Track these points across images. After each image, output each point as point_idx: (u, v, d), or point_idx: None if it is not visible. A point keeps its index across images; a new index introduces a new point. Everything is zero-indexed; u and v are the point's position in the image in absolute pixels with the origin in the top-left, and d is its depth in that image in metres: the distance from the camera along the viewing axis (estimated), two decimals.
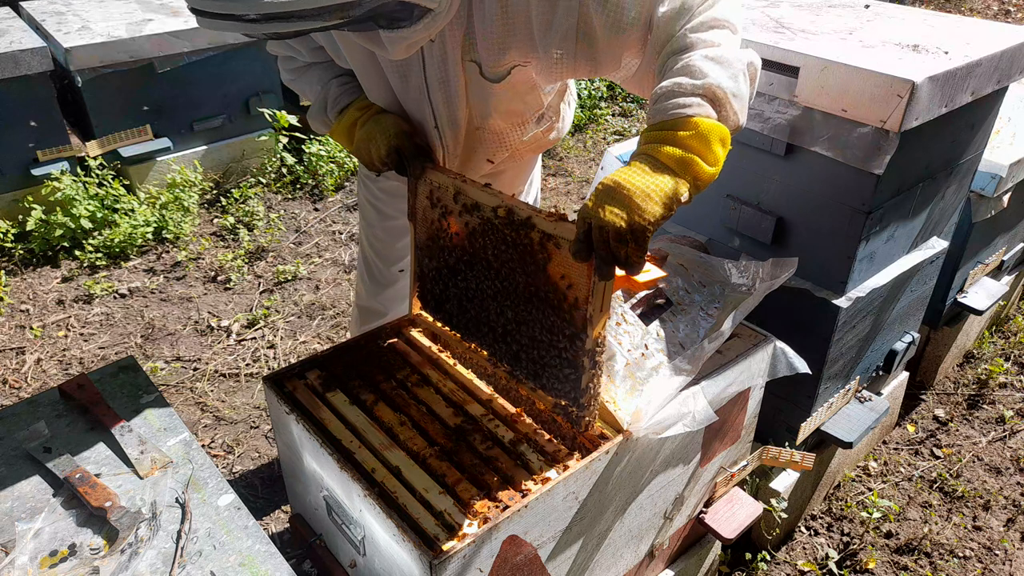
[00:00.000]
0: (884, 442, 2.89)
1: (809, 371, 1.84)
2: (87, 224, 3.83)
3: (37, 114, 3.80)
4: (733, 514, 1.95)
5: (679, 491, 1.82)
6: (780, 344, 1.82)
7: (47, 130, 3.87)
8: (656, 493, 1.74)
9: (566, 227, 1.40)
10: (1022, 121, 2.81)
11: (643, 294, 1.71)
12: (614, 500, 1.61)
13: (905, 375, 2.76)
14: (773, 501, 2.25)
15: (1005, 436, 2.91)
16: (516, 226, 1.49)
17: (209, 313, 3.54)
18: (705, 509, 1.96)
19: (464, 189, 1.60)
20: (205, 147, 4.41)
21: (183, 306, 3.59)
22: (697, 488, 1.88)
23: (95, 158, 4.02)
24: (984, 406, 3.06)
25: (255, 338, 3.38)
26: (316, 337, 3.38)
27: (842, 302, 2.02)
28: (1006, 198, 2.70)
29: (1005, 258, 3.13)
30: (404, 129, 1.69)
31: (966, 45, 1.92)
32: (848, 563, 2.42)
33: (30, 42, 3.70)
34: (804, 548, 2.49)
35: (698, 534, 2.07)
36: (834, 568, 2.37)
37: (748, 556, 2.38)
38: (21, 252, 3.86)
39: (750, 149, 2.04)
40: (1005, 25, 2.16)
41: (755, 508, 1.97)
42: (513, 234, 1.50)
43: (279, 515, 2.55)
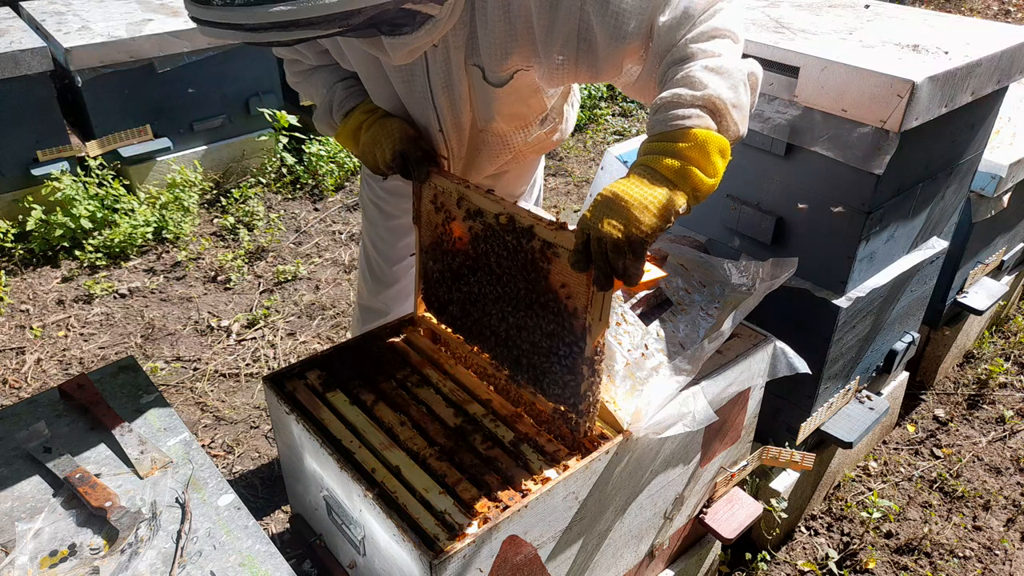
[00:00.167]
0: (884, 442, 2.89)
1: (809, 371, 1.84)
2: (87, 224, 3.83)
3: (37, 114, 3.80)
4: (733, 514, 1.95)
5: (679, 491, 1.82)
6: (780, 344, 1.82)
7: (47, 130, 3.87)
8: (656, 493, 1.74)
9: (566, 236, 1.40)
10: (1022, 121, 2.80)
11: (643, 294, 1.71)
12: (614, 500, 1.61)
13: (905, 375, 2.76)
14: (773, 501, 2.25)
15: (1005, 436, 2.91)
16: (517, 234, 1.49)
17: (209, 313, 3.54)
18: (705, 509, 1.96)
19: (467, 195, 1.60)
20: (205, 147, 4.41)
21: (183, 306, 3.59)
22: (697, 488, 1.88)
23: (95, 158, 4.02)
24: (984, 406, 3.06)
25: (255, 338, 3.38)
26: (316, 337, 3.38)
27: (842, 302, 2.02)
28: (1006, 198, 2.70)
29: (1005, 258, 3.13)
30: (409, 134, 1.69)
31: (966, 45, 1.92)
32: (848, 563, 2.42)
33: (30, 42, 3.70)
34: (804, 548, 2.49)
35: (698, 534, 2.07)
36: (834, 568, 2.37)
37: (748, 556, 2.38)
38: (21, 252, 3.86)
39: (750, 149, 2.04)
40: (1005, 25, 2.16)
41: (755, 508, 1.97)
42: (514, 241, 1.50)
43: (279, 515, 2.55)
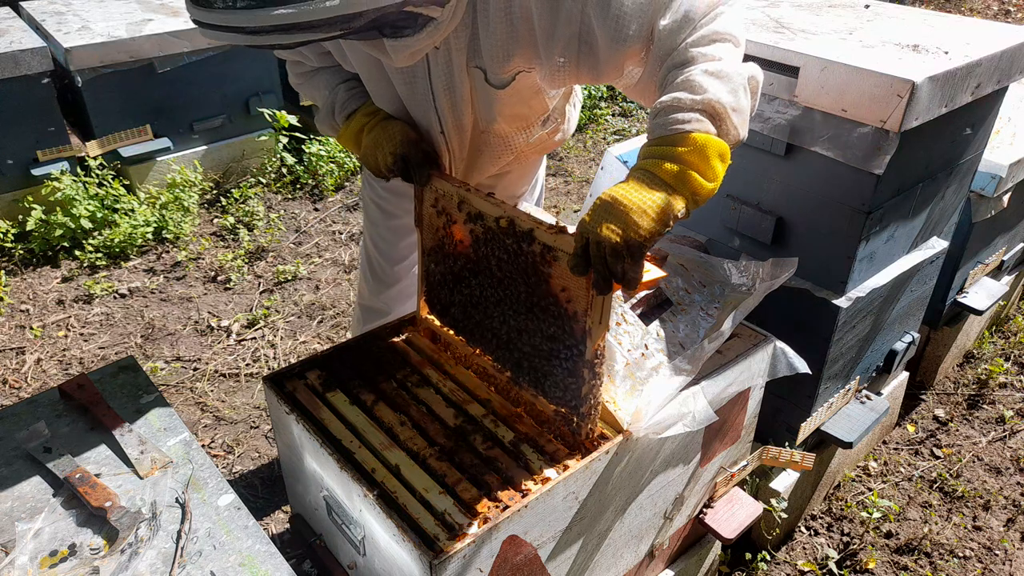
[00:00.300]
0: (884, 442, 2.89)
1: (809, 371, 1.84)
2: (87, 224, 3.83)
3: (37, 114, 3.80)
4: (733, 514, 1.95)
5: (679, 491, 1.82)
6: (780, 344, 1.82)
7: (47, 130, 3.86)
8: (656, 493, 1.74)
9: (566, 240, 1.40)
10: (1022, 121, 2.80)
11: (643, 294, 1.71)
12: (614, 500, 1.61)
13: (905, 375, 2.76)
14: (773, 501, 2.25)
15: (1005, 436, 2.91)
16: (518, 237, 1.49)
17: (209, 313, 3.54)
18: (705, 509, 1.96)
19: (468, 198, 1.60)
20: (205, 147, 4.41)
21: (183, 306, 3.59)
22: (697, 488, 1.88)
23: (95, 158, 4.02)
24: (984, 406, 3.06)
25: (255, 338, 3.38)
26: (316, 337, 3.38)
27: (842, 302, 2.02)
28: (1006, 198, 2.69)
29: (1005, 258, 3.13)
30: (410, 137, 1.69)
31: (966, 45, 1.92)
32: (848, 563, 2.42)
33: (30, 42, 3.70)
34: (804, 548, 2.49)
35: (698, 534, 2.07)
36: (834, 568, 2.37)
37: (748, 556, 2.38)
38: (21, 252, 3.86)
39: (750, 149, 2.04)
40: (1005, 25, 2.16)
41: (755, 508, 1.97)
42: (515, 245, 1.50)
43: (279, 515, 2.55)
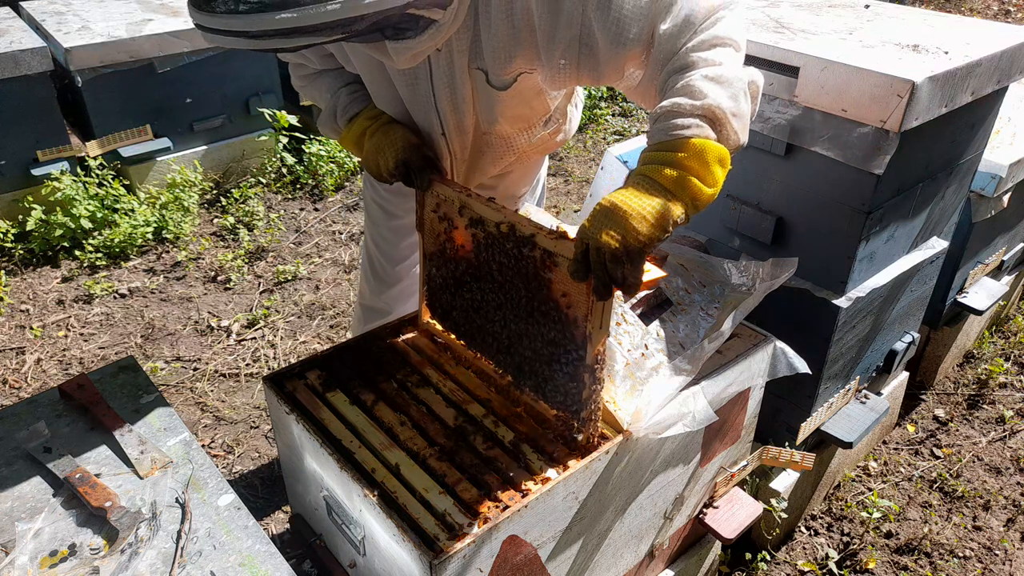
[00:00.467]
0: (884, 442, 2.89)
1: (809, 371, 1.84)
2: (87, 224, 3.83)
3: (37, 114, 3.80)
4: (733, 514, 1.95)
5: (679, 491, 1.82)
6: (780, 344, 1.82)
7: (47, 130, 3.86)
8: (656, 493, 1.74)
9: (566, 245, 1.40)
10: (1022, 121, 2.80)
11: (643, 294, 1.71)
12: (614, 500, 1.61)
13: (905, 375, 2.76)
14: (773, 501, 2.25)
15: (1005, 436, 2.91)
16: (518, 242, 1.49)
17: (209, 313, 3.54)
18: (705, 509, 1.96)
19: (469, 203, 1.60)
20: (205, 147, 4.41)
21: (183, 306, 3.59)
22: (697, 488, 1.88)
23: (95, 158, 4.02)
24: (984, 406, 3.06)
25: (255, 338, 3.38)
26: (316, 337, 3.38)
27: (842, 302, 2.02)
28: (1006, 198, 2.69)
29: (1005, 258, 3.13)
30: (412, 142, 1.69)
31: (966, 45, 1.92)
32: (848, 563, 2.42)
33: (30, 42, 3.70)
34: (804, 548, 2.49)
35: (698, 534, 2.07)
36: (834, 568, 2.37)
37: (748, 556, 2.38)
38: (21, 252, 3.86)
39: (750, 149, 2.04)
40: (1005, 25, 2.16)
41: (755, 508, 1.97)
42: (515, 250, 1.51)
43: (279, 515, 2.55)
